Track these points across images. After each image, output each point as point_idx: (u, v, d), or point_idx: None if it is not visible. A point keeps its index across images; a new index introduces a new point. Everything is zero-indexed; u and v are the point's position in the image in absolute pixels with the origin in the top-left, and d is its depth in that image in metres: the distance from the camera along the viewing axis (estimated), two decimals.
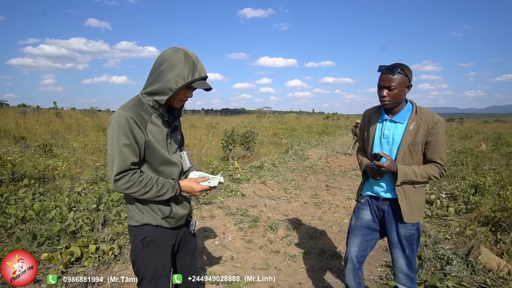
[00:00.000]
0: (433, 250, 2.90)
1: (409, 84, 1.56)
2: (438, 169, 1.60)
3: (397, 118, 1.62)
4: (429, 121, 1.56)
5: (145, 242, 1.35)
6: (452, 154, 9.25)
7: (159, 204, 1.34)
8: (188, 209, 1.46)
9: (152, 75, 1.29)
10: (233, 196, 4.83)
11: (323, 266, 2.83)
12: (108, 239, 2.94)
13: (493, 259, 2.64)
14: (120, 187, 1.22)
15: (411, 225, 1.65)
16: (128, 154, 1.21)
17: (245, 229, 3.62)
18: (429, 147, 1.59)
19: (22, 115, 18.22)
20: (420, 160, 1.62)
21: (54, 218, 3.14)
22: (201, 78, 1.29)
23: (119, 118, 1.21)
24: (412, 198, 1.63)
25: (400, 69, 1.52)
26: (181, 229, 1.49)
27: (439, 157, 1.59)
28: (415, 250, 1.69)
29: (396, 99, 1.57)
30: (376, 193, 1.73)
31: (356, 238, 1.79)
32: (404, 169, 1.57)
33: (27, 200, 3.53)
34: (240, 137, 8.17)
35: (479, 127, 26.08)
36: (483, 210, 3.83)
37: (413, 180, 1.59)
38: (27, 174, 4.80)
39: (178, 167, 1.41)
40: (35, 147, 6.96)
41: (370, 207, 1.77)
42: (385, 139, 1.66)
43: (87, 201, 3.62)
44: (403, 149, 1.59)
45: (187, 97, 1.34)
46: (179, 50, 1.27)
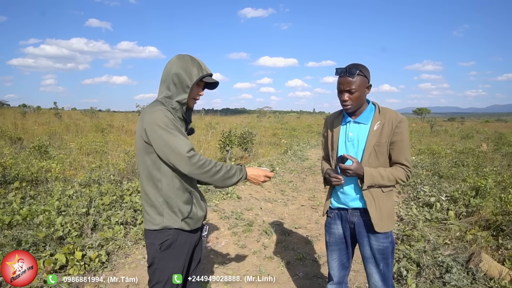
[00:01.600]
0: (432, 256, 2.79)
1: (369, 84, 1.51)
2: (404, 171, 1.53)
3: (361, 119, 1.56)
4: (393, 120, 1.50)
5: (164, 245, 1.35)
6: (452, 155, 9.12)
7: (180, 204, 1.34)
8: (205, 211, 1.47)
9: (165, 81, 1.38)
10: (229, 198, 4.74)
11: (317, 273, 2.74)
12: (96, 245, 2.85)
13: (494, 267, 2.54)
14: (197, 163, 1.24)
15: (384, 237, 1.55)
16: (184, 136, 1.29)
17: (239, 234, 3.53)
18: (394, 147, 1.52)
19: (22, 115, 18.16)
20: (386, 161, 1.56)
21: (42, 223, 3.05)
22: (208, 74, 1.41)
23: (158, 111, 1.27)
24: (382, 204, 1.54)
25: (359, 71, 1.46)
26: (197, 233, 1.48)
27: (404, 158, 1.53)
28: (390, 264, 1.60)
29: (358, 101, 1.51)
30: (344, 203, 1.63)
31: (334, 254, 1.72)
32: (370, 171, 1.49)
33: (15, 204, 3.44)
34: (238, 137, 8.08)
35: (480, 126, 25.89)
36: (484, 213, 3.72)
37: (380, 184, 1.50)
38: (19, 176, 4.71)
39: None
40: (30, 149, 6.87)
41: (340, 221, 1.67)
42: (350, 142, 1.58)
43: (77, 204, 3.53)
44: (369, 151, 1.52)
45: (199, 95, 1.45)
46: (184, 56, 1.40)
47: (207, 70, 1.41)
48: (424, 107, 41.14)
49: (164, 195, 1.33)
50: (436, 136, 16.19)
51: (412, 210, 4.19)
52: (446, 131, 19.15)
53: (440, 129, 19.78)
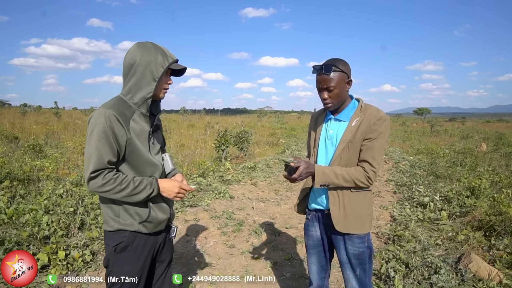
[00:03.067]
0: (421, 257, 2.75)
1: (349, 79, 1.45)
2: (364, 172, 1.41)
3: (341, 116, 1.50)
4: (372, 117, 1.43)
5: (118, 247, 1.29)
6: (451, 155, 9.06)
7: (136, 207, 1.28)
8: (168, 214, 1.39)
9: (127, 73, 1.28)
10: (221, 198, 4.69)
11: (304, 274, 2.69)
12: (81, 244, 2.81)
13: (484, 267, 2.49)
14: (95, 185, 1.18)
15: (360, 241, 1.49)
16: (105, 152, 1.19)
17: (229, 234, 3.49)
18: (364, 144, 1.43)
19: (21, 115, 18.18)
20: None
21: (28, 222, 3.02)
22: (174, 61, 1.31)
23: (99, 115, 1.19)
24: (348, 203, 1.47)
25: (335, 67, 1.39)
26: (161, 235, 1.42)
27: (371, 157, 1.41)
28: (367, 270, 1.54)
29: (339, 99, 1.45)
30: (320, 204, 1.58)
31: (313, 257, 1.66)
32: (322, 169, 1.41)
33: (1, 203, 3.41)
34: (234, 137, 8.04)
35: (481, 126, 25.74)
36: (478, 213, 3.67)
37: (334, 183, 1.41)
38: (10, 175, 4.69)
39: (158, 168, 1.36)
40: (24, 148, 6.86)
41: (318, 223, 1.62)
42: (329, 140, 1.53)
43: (66, 203, 3.50)
44: (342, 146, 1.45)
45: (168, 84, 1.35)
46: (145, 43, 1.29)
47: (172, 56, 1.30)
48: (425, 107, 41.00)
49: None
50: (436, 136, 16.11)
51: (406, 210, 4.14)
52: (446, 131, 19.06)
53: (440, 129, 19.68)
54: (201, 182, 5.19)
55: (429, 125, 21.93)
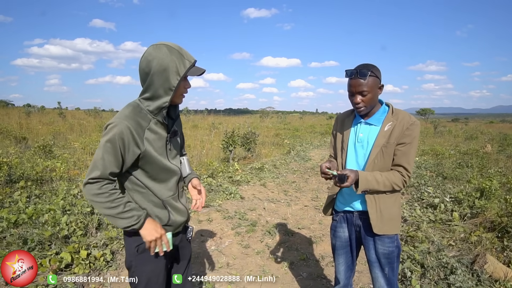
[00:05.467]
0: (436, 257, 2.78)
1: (381, 85, 1.46)
2: (401, 176, 1.46)
3: (372, 120, 1.51)
4: (404, 122, 1.44)
5: (140, 248, 1.30)
6: (456, 155, 9.07)
7: (157, 210, 1.31)
8: (186, 216, 1.41)
9: (144, 81, 1.24)
10: (232, 199, 4.74)
11: (321, 274, 2.73)
12: (101, 244, 2.86)
13: (500, 268, 2.53)
14: (89, 191, 1.17)
15: (390, 241, 1.53)
16: (109, 163, 1.18)
17: (243, 234, 3.53)
18: (399, 149, 1.45)
19: (26, 115, 18.29)
20: (391, 163, 1.50)
21: (47, 222, 3.08)
22: (192, 65, 1.23)
23: (114, 126, 1.18)
24: (383, 206, 1.50)
25: (370, 72, 1.41)
26: (178, 236, 1.44)
27: (406, 162, 1.45)
28: (395, 269, 1.58)
29: (371, 103, 1.46)
30: (350, 206, 1.61)
31: (341, 258, 1.70)
32: (366, 176, 1.43)
33: (20, 203, 3.47)
34: (241, 138, 8.08)
35: (484, 127, 25.70)
36: (489, 215, 3.70)
37: (375, 189, 1.44)
38: (24, 176, 4.75)
39: (176, 174, 1.36)
40: (34, 148, 6.92)
41: (346, 224, 1.65)
42: (359, 143, 1.53)
43: (82, 204, 3.55)
44: (376, 151, 1.47)
45: (186, 89, 1.30)
46: (160, 46, 1.21)
47: (190, 59, 1.22)
48: (427, 108, 40.86)
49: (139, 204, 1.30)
50: (440, 137, 16.10)
51: (416, 211, 4.17)
52: (450, 131, 19.04)
53: (444, 130, 19.65)
54: (211, 183, 5.24)
55: (433, 125, 21.90)
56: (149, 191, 1.30)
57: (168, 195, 1.34)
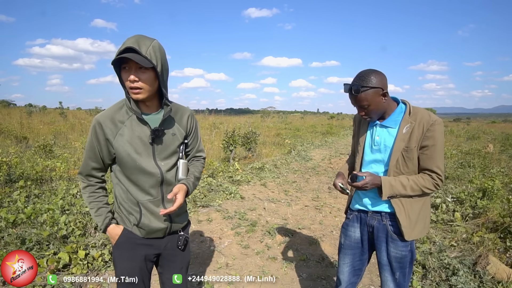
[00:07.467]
0: (438, 258, 2.75)
1: (384, 92, 1.35)
2: (432, 179, 1.36)
3: (388, 122, 1.43)
4: (424, 123, 1.34)
5: (117, 243, 1.32)
6: (458, 155, 9.02)
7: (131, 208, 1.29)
8: (166, 225, 1.32)
9: None
10: (232, 198, 4.72)
11: (321, 275, 2.71)
12: (99, 244, 2.84)
13: (502, 270, 2.49)
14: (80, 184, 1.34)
15: (404, 245, 1.44)
16: (89, 159, 1.28)
17: (242, 234, 3.51)
18: (424, 152, 1.36)
19: (28, 115, 18.33)
20: (416, 167, 1.41)
21: (46, 221, 3.06)
22: (119, 54, 1.11)
23: (92, 123, 1.26)
24: (411, 210, 1.41)
25: (363, 87, 1.32)
26: (162, 241, 1.36)
27: (435, 165, 1.35)
28: (407, 274, 1.48)
29: (377, 112, 1.39)
30: (365, 205, 1.53)
31: (347, 258, 1.61)
32: (389, 181, 1.36)
33: (19, 202, 3.46)
34: (241, 137, 8.06)
35: (486, 127, 25.60)
36: (491, 215, 3.66)
37: (402, 194, 1.37)
38: (23, 175, 4.74)
39: (153, 176, 1.26)
40: (35, 148, 6.92)
41: (359, 224, 1.57)
42: (376, 147, 1.45)
43: (81, 203, 3.54)
44: (396, 156, 1.38)
45: (129, 81, 1.16)
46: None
47: (121, 47, 1.12)
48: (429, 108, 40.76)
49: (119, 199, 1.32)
50: None
51: None
52: (452, 131, 18.96)
53: (446, 130, 19.59)
54: (211, 183, 5.22)
55: None
56: (126, 189, 1.29)
57: (145, 198, 1.27)
